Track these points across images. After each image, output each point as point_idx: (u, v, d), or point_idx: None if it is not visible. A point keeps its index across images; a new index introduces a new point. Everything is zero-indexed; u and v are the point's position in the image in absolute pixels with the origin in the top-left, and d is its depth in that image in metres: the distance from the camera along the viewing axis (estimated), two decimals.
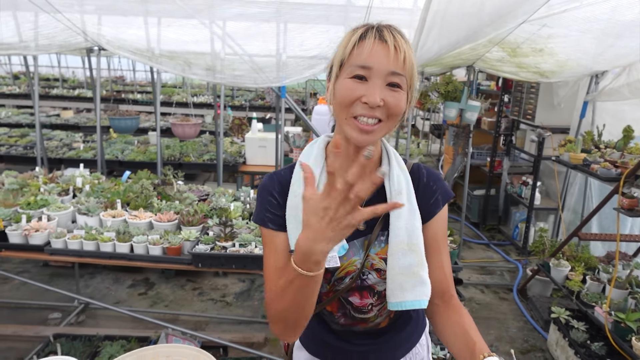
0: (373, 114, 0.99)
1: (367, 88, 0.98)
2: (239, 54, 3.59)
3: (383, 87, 0.98)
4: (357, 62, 0.98)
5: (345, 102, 1.00)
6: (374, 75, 0.98)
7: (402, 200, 1.10)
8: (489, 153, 5.81)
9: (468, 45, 3.35)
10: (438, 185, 1.18)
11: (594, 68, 3.90)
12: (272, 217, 1.14)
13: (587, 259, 3.68)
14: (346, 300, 1.17)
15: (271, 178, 1.18)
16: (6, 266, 4.28)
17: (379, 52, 0.98)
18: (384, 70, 0.98)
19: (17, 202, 2.79)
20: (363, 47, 0.99)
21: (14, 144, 5.44)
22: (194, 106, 8.14)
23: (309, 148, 1.18)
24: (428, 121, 10.27)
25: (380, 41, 0.98)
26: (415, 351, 1.30)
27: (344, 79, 1.00)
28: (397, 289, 1.09)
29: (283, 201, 1.13)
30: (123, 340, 2.99)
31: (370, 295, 1.16)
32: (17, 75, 10.86)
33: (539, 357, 3.32)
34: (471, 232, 5.69)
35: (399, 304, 1.09)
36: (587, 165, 3.52)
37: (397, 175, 1.13)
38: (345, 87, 1.00)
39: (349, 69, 1.00)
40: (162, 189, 3.14)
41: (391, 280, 1.09)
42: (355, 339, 1.23)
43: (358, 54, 0.99)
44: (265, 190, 1.16)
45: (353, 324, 1.21)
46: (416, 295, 1.09)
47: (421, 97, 4.38)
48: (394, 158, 1.16)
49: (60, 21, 3.52)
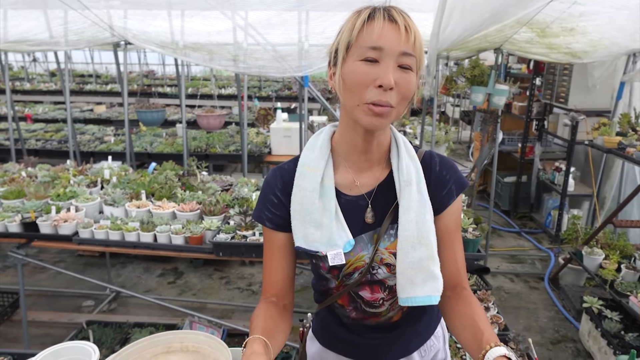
0: (386, 96, 0.94)
1: (379, 70, 0.93)
2: (261, 43, 3.58)
3: (395, 69, 0.94)
4: (367, 43, 0.94)
5: (358, 86, 0.95)
6: (386, 56, 0.93)
7: (412, 192, 1.05)
8: (520, 139, 5.63)
9: (493, 27, 3.23)
10: (451, 175, 1.12)
11: (631, 46, 3.69)
12: (271, 216, 1.12)
13: (623, 247, 3.53)
14: (356, 295, 1.14)
15: (274, 174, 1.14)
16: (43, 256, 4.46)
17: (390, 33, 0.93)
18: (396, 51, 0.93)
19: (48, 194, 2.89)
20: (373, 28, 0.94)
21: (49, 138, 5.64)
22: (222, 98, 8.22)
23: (314, 139, 1.14)
24: (458, 107, 10.05)
25: (390, 21, 0.94)
26: (430, 343, 1.26)
27: (353, 62, 0.95)
28: (407, 284, 1.04)
29: (285, 199, 1.10)
30: (152, 327, 3.08)
31: (381, 289, 1.12)
32: (54, 72, 11.22)
33: (570, 348, 3.22)
34: (501, 220, 5.55)
35: (410, 300, 1.05)
36: (622, 148, 3.36)
37: (407, 164, 1.07)
38: (356, 70, 0.95)
39: (358, 51, 0.95)
40: (186, 180, 3.19)
41: (401, 275, 1.05)
42: (367, 333, 1.20)
43: (368, 35, 0.94)
44: (267, 187, 1.14)
45: (364, 317, 1.18)
46: (427, 290, 1.04)
47: (447, 82, 4.27)
48: (403, 146, 1.10)
49: (87, 17, 3.61)
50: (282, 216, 1.11)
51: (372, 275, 1.10)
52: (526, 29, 3.46)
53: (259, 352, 0.92)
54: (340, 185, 1.10)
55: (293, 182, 1.09)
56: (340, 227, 1.06)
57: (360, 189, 1.10)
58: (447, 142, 5.93)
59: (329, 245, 1.05)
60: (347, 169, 1.11)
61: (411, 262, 1.03)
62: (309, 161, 1.08)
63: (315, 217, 1.05)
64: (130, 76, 10.99)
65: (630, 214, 4.13)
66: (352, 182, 1.10)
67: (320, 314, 1.27)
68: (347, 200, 1.10)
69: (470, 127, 8.95)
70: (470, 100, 4.08)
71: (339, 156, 1.11)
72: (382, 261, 1.09)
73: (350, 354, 1.24)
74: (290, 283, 1.16)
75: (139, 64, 11.41)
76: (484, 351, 0.92)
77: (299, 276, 4.15)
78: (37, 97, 9.22)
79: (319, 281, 1.19)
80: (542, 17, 3.22)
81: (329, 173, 1.08)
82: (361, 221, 1.09)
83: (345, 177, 1.11)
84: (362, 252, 1.09)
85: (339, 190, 1.10)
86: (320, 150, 1.09)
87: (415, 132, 5.86)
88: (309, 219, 1.06)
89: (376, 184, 1.10)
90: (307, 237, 1.06)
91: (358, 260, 1.09)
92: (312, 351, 1.31)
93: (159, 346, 1.21)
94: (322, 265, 1.10)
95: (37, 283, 4.01)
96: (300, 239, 1.07)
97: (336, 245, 1.05)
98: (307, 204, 1.06)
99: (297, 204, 1.07)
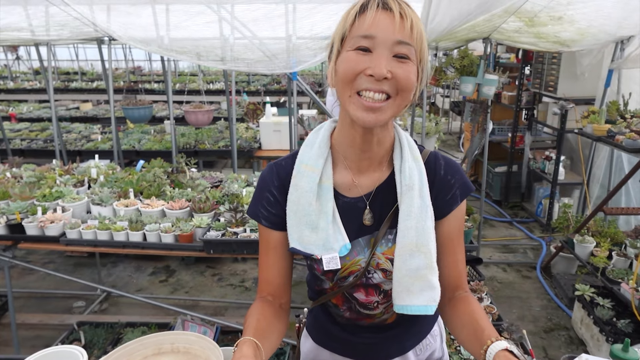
0: (380, 87, 0.89)
1: (371, 59, 0.89)
2: (247, 37, 3.53)
3: (390, 59, 0.90)
4: (358, 32, 0.90)
5: (348, 76, 0.91)
6: (379, 45, 0.89)
7: (414, 197, 1.01)
8: (510, 128, 5.65)
9: (482, 16, 3.21)
10: (457, 179, 1.07)
11: (619, 34, 3.70)
12: (267, 215, 1.09)
13: (614, 234, 3.55)
14: (351, 296, 1.11)
15: (271, 170, 1.11)
16: (32, 257, 4.40)
17: (383, 20, 0.89)
18: (390, 40, 0.89)
19: (34, 194, 2.84)
20: (365, 17, 0.90)
21: (34, 138, 5.55)
22: (210, 93, 8.14)
23: (314, 134, 1.10)
24: (448, 98, 10.06)
25: (384, 10, 0.90)
26: (425, 342, 1.24)
27: (346, 52, 0.92)
28: (403, 291, 1.01)
29: (282, 197, 1.07)
30: (144, 327, 3.05)
31: (376, 293, 1.09)
32: (38, 70, 11.03)
33: (563, 336, 3.24)
34: (493, 210, 5.57)
35: (405, 308, 1.02)
36: (611, 136, 3.37)
37: (410, 167, 1.02)
38: (347, 59, 0.91)
39: (351, 41, 0.92)
40: (175, 177, 3.15)
41: (397, 282, 1.01)
42: (361, 332, 1.18)
43: (360, 25, 0.91)
44: (263, 183, 1.10)
45: (359, 318, 1.15)
46: (423, 300, 1.01)
47: (436, 73, 4.25)
48: (407, 147, 1.05)
49: (69, 13, 3.53)
50: (278, 214, 1.07)
51: (368, 279, 1.07)
52: (514, 18, 3.45)
53: (249, 355, 0.89)
54: (339, 185, 1.06)
55: (290, 179, 1.05)
56: (337, 230, 1.03)
57: (359, 189, 1.06)
58: (438, 133, 5.93)
59: (325, 249, 1.02)
60: (346, 168, 1.07)
61: (409, 270, 1.00)
62: (307, 159, 1.04)
63: (312, 218, 1.02)
64: (116, 73, 10.84)
65: (619, 201, 4.15)
66: (351, 182, 1.06)
67: (314, 311, 1.25)
68: (345, 202, 1.06)
69: (460, 118, 8.95)
70: (459, 91, 4.07)
71: (338, 154, 1.07)
72: (379, 266, 1.06)
73: (344, 353, 1.22)
74: (286, 282, 1.13)
75: (125, 60, 11.27)
76: (485, 347, 0.90)
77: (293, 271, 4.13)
78: (21, 96, 9.05)
79: (313, 280, 1.16)
80: (530, 6, 3.21)
81: (327, 172, 1.04)
82: (359, 223, 1.06)
83: (344, 176, 1.07)
84: (358, 256, 1.06)
85: (338, 191, 1.06)
86: (319, 147, 1.05)
87: (405, 124, 5.83)
88: (304, 221, 1.02)
89: (376, 186, 1.06)
90: (302, 239, 1.03)
91: (354, 265, 1.06)
92: (305, 348, 1.29)
93: (148, 348, 1.18)
94: (316, 267, 1.07)
95: (27, 285, 3.95)
96: (295, 240, 1.04)
97: (332, 249, 1.02)
98: (303, 205, 1.02)
99: (294, 204, 1.03)
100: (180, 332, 1.25)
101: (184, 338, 1.23)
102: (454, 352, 2.41)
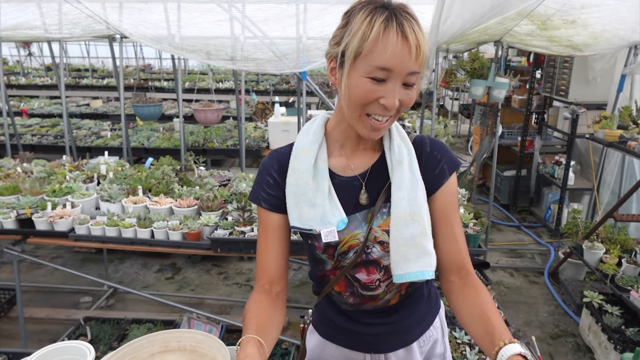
0: (388, 113, 0.99)
1: (385, 90, 0.96)
2: (258, 36, 3.53)
3: (400, 88, 0.97)
4: (377, 62, 0.93)
5: (362, 102, 0.98)
6: (394, 77, 0.95)
7: (404, 170, 1.08)
8: (519, 132, 5.61)
9: (494, 19, 3.19)
10: (443, 154, 1.14)
11: (633, 38, 3.66)
12: (267, 197, 1.14)
13: (624, 241, 3.51)
14: (353, 278, 1.15)
15: (271, 156, 1.18)
16: (40, 252, 4.43)
17: (401, 52, 0.92)
18: (404, 72, 0.95)
19: (44, 190, 2.86)
20: (386, 46, 0.91)
21: (45, 133, 5.59)
22: (219, 92, 8.17)
23: (309, 125, 1.17)
24: (457, 101, 10.01)
25: (403, 39, 0.92)
26: (429, 334, 1.26)
27: (360, 77, 0.95)
28: (400, 260, 1.06)
29: (281, 180, 1.13)
30: (150, 324, 3.06)
31: (377, 270, 1.13)
32: (50, 66, 11.13)
33: (570, 343, 3.21)
34: (501, 214, 5.54)
35: (404, 276, 1.06)
36: (623, 142, 3.33)
37: (398, 145, 1.11)
38: (362, 87, 0.96)
39: (367, 67, 0.94)
40: (184, 175, 3.16)
41: (395, 252, 1.06)
42: (366, 319, 1.20)
43: (379, 54, 0.92)
44: (264, 168, 1.17)
45: (362, 302, 1.18)
46: (420, 266, 1.05)
47: (446, 75, 4.24)
48: (395, 129, 1.14)
49: (82, 11, 3.55)
50: (278, 197, 1.13)
51: (367, 254, 1.12)
52: (527, 21, 3.43)
53: (253, 355, 0.91)
54: (334, 167, 1.13)
55: (288, 164, 1.12)
56: (333, 205, 1.09)
57: (354, 170, 1.13)
58: (447, 136, 5.91)
59: (322, 223, 1.07)
60: (340, 154, 1.14)
61: (404, 239, 1.05)
62: (303, 144, 1.12)
63: (309, 196, 1.08)
64: (126, 70, 10.91)
65: (630, 208, 4.11)
66: (346, 165, 1.14)
67: (319, 305, 1.28)
68: (341, 180, 1.13)
69: (469, 121, 8.92)
70: (469, 94, 4.05)
71: (333, 142, 1.14)
72: (376, 239, 1.10)
73: (350, 345, 1.23)
74: (284, 266, 1.17)
75: (136, 58, 11.32)
76: (497, 347, 0.90)
77: (297, 272, 4.14)
78: (33, 92, 9.14)
79: (315, 266, 1.20)
80: (543, 9, 3.18)
81: (322, 155, 1.11)
82: (355, 201, 1.12)
83: (339, 160, 1.14)
84: (356, 230, 1.10)
85: (333, 171, 1.13)
86: (314, 134, 1.13)
87: (414, 125, 5.82)
88: (303, 199, 1.08)
89: (369, 166, 1.13)
90: (301, 216, 1.09)
91: (352, 239, 1.10)
92: (312, 344, 1.31)
93: (155, 345, 1.19)
94: (317, 245, 1.11)
95: (35, 279, 3.98)
96: (295, 219, 1.10)
97: (329, 223, 1.07)
98: (301, 185, 1.09)
99: (292, 186, 1.10)
100: (187, 330, 1.25)
101: (190, 336, 1.23)
102: (459, 356, 2.39)
